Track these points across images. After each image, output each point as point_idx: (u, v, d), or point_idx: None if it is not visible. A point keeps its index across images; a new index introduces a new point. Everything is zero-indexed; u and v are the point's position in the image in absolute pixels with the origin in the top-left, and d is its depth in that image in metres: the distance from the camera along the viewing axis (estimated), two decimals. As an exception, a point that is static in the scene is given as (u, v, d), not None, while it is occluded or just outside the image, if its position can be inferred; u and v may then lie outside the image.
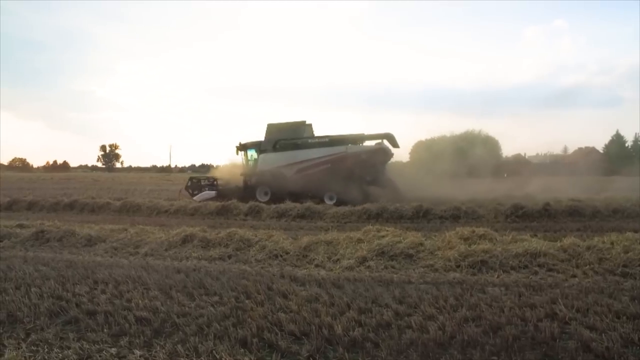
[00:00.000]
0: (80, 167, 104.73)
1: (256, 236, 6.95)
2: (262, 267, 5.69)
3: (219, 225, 9.64)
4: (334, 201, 14.17)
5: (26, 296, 4.42)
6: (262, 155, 16.19)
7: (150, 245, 6.93)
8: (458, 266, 5.48)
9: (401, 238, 6.53)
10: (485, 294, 4.36)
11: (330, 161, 15.22)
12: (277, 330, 3.49)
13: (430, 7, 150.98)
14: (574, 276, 4.96)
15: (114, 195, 18.73)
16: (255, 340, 3.30)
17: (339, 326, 3.52)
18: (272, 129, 16.36)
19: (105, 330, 3.61)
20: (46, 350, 3.22)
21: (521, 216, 10.37)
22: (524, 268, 5.31)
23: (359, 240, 6.55)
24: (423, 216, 10.77)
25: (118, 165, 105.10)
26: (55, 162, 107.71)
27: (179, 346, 3.25)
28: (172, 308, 4.03)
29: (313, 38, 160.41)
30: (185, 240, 6.93)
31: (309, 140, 15.98)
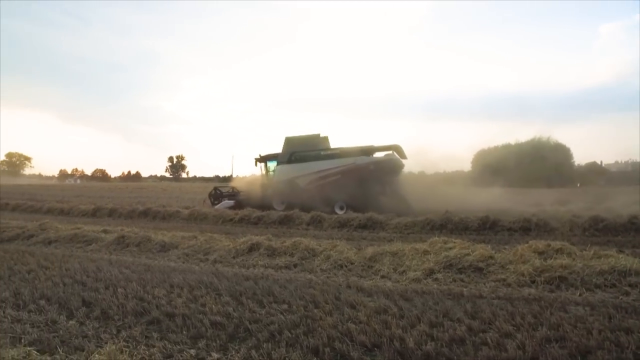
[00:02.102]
0: (151, 177, 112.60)
1: (320, 246, 7.04)
2: (327, 277, 5.73)
3: (282, 234, 9.85)
4: (344, 211, 14.52)
5: (114, 296, 4.82)
6: (279, 167, 17.08)
7: (218, 252, 7.25)
8: (533, 281, 5.16)
9: (469, 250, 6.27)
10: (567, 313, 4.05)
11: (340, 172, 15.83)
12: (347, 341, 3.49)
13: (491, 9, 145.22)
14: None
15: (181, 203, 19.84)
16: (327, 349, 3.33)
17: (411, 339, 3.45)
18: (289, 141, 17.18)
19: (184, 332, 3.83)
20: (134, 346, 3.47)
21: (602, 230, 9.50)
22: (611, 287, 4.86)
23: (425, 252, 6.38)
24: (490, 228, 10.25)
25: (184, 175, 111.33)
26: (129, 172, 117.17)
27: (253, 351, 3.36)
28: (244, 314, 4.18)
29: (370, 48, 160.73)
30: (252, 248, 7.16)
31: (321, 152, 16.57)
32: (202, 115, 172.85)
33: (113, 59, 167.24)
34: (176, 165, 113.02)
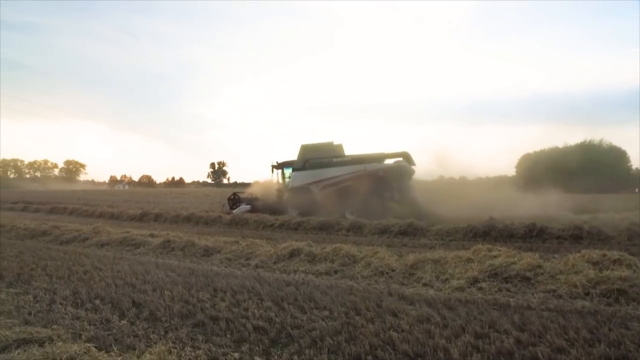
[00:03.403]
0: (193, 182, 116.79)
1: (361, 252, 6.98)
2: (368, 284, 5.67)
3: (322, 240, 9.86)
4: (354, 216, 14.56)
5: (161, 298, 5.01)
6: (294, 173, 17.64)
7: (260, 257, 7.36)
8: (587, 294, 4.85)
9: (515, 259, 6.00)
10: (629, 330, 3.77)
11: (350, 178, 16.16)
12: (390, 349, 3.44)
13: (533, 8, 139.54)
14: None
15: (223, 209, 20.34)
16: (369, 358, 3.29)
17: (456, 350, 3.35)
18: (304, 149, 17.75)
19: (227, 335, 3.91)
20: (181, 347, 3.59)
21: (667, 240, 8.80)
22: (678, 302, 4.49)
23: (469, 260, 6.18)
24: (537, 235, 9.74)
25: (225, 181, 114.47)
26: (173, 178, 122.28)
27: (295, 357, 3.39)
28: (286, 319, 4.21)
29: (407, 51, 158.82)
30: (293, 254, 7.21)
31: (334, 160, 16.98)
32: (241, 121, 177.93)
33: (158, 69, 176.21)
34: (217, 171, 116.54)
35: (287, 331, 3.92)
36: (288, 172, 18.30)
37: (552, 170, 28.19)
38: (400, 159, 16.30)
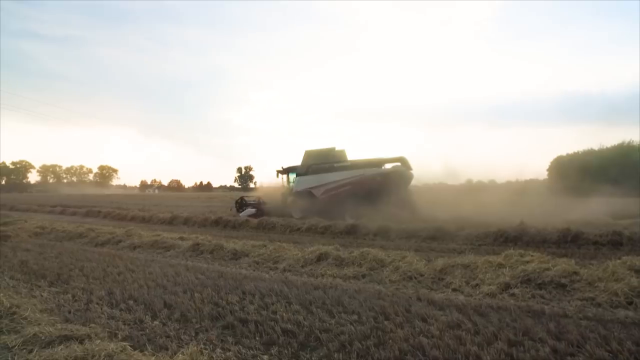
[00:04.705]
0: (221, 187, 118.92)
1: (389, 256, 6.91)
2: (397, 289, 5.59)
3: (349, 244, 9.81)
4: (354, 219, 14.73)
5: (192, 300, 5.10)
6: (298, 178, 18.51)
7: (287, 261, 7.39)
8: (630, 303, 4.61)
9: (549, 265, 5.78)
10: (677, 341, 3.57)
11: (350, 183, 16.80)
12: (420, 355, 3.38)
13: (563, 7, 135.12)
14: None
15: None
16: (399, 363, 3.25)
17: (488, 357, 3.26)
18: (307, 155, 18.61)
19: (257, 337, 3.94)
20: (212, 349, 3.64)
21: None
22: None
23: (500, 265, 6.00)
24: (572, 241, 9.34)
25: (252, 185, 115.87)
26: (201, 182, 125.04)
27: (325, 361, 3.37)
28: (314, 323, 4.21)
29: (434, 54, 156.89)
30: (320, 258, 7.20)
31: (335, 165, 17.61)
32: (268, 126, 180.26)
33: (187, 77, 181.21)
34: (244, 176, 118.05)
35: (316, 335, 3.91)
36: (292, 176, 19.17)
37: (587, 173, 27.10)
38: (398, 163, 16.77)
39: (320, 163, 17.93)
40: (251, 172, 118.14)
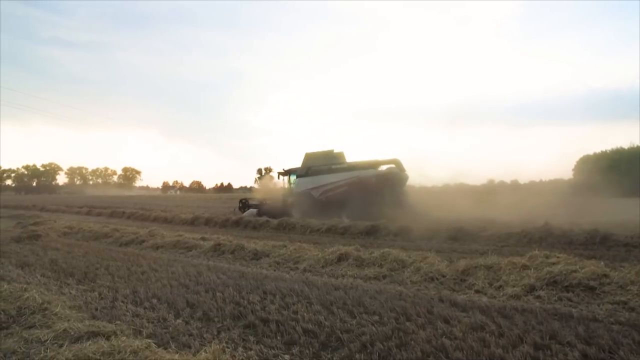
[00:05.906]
0: (241, 188, 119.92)
1: (410, 257, 6.84)
2: (418, 290, 5.53)
3: (369, 244, 9.76)
4: (350, 219, 15.20)
5: (214, 299, 5.17)
6: (298, 179, 19.14)
7: (307, 261, 7.39)
8: (665, 308, 4.43)
9: (577, 266, 5.59)
10: None
11: (346, 184, 17.32)
12: (442, 357, 3.33)
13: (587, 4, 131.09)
14: None
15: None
16: (422, 365, 3.21)
17: (514, 362, 3.17)
18: (307, 157, 19.22)
19: (278, 337, 3.96)
20: (234, 347, 3.68)
21: None
22: None
23: (524, 267, 5.85)
24: (600, 242, 9.04)
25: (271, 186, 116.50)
26: (222, 183, 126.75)
27: (346, 361, 3.35)
28: (335, 323, 4.20)
29: (454, 53, 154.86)
30: (341, 258, 7.18)
31: (332, 167, 18.15)
32: (286, 127, 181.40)
33: (206, 79, 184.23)
34: (264, 176, 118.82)
35: (337, 335, 3.90)
36: (293, 178, 19.75)
37: (616, 172, 26.21)
38: (392, 165, 17.21)
39: (318, 165, 18.56)
40: (271, 173, 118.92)
